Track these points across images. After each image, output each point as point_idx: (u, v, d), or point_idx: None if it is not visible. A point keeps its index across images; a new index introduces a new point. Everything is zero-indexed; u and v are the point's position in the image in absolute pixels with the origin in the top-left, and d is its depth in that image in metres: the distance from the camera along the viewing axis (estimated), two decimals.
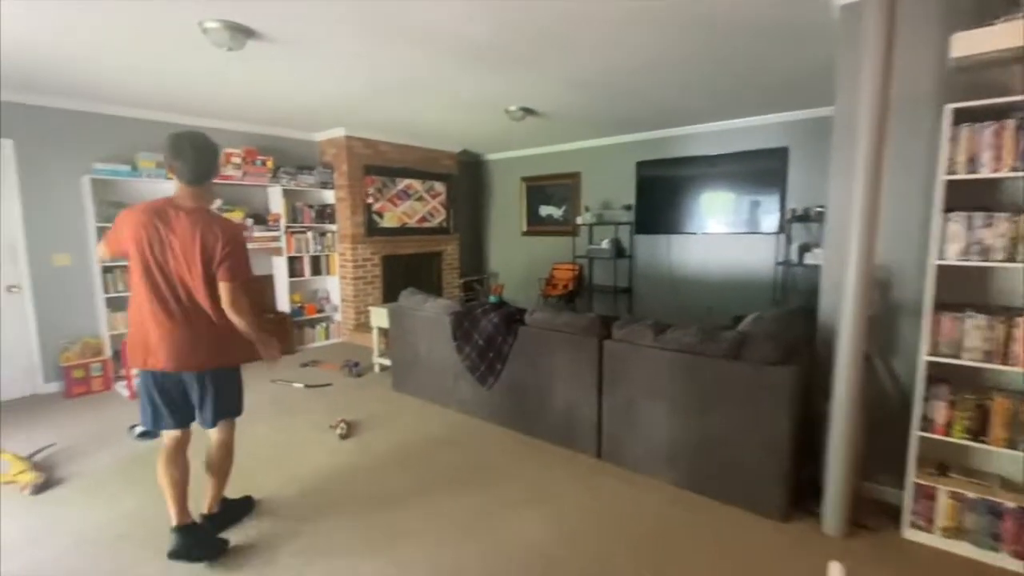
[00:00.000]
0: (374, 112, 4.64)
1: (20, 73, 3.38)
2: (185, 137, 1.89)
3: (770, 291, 5.07)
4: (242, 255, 1.95)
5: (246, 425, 3.38)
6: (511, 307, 3.41)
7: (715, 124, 5.24)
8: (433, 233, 6.42)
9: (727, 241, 5.38)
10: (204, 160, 1.91)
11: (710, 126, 5.28)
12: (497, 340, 3.22)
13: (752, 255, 5.23)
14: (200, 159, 1.89)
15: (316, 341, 5.55)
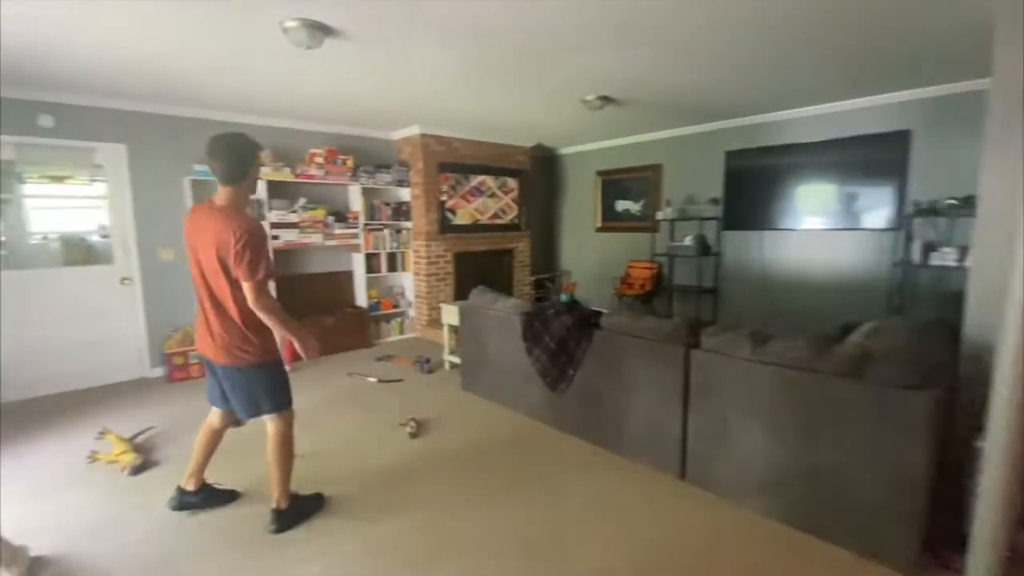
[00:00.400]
0: (449, 108, 4.60)
1: (132, 83, 3.68)
2: (221, 139, 1.97)
3: (882, 296, 4.44)
4: (257, 253, 1.90)
5: (320, 417, 3.49)
6: (585, 309, 3.21)
7: (818, 107, 4.66)
8: (505, 230, 6.32)
9: (830, 238, 4.79)
10: (236, 161, 1.95)
11: (811, 110, 4.72)
12: (570, 344, 3.03)
13: (860, 254, 4.61)
14: (232, 160, 1.94)
15: (391, 336, 5.66)
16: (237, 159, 1.95)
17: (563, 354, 3.07)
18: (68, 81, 3.57)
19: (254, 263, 1.89)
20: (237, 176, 1.97)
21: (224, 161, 1.94)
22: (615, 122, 5.31)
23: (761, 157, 5.14)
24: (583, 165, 6.98)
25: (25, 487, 2.60)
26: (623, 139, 6.36)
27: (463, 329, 3.95)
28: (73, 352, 4.09)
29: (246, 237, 1.88)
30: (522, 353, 3.33)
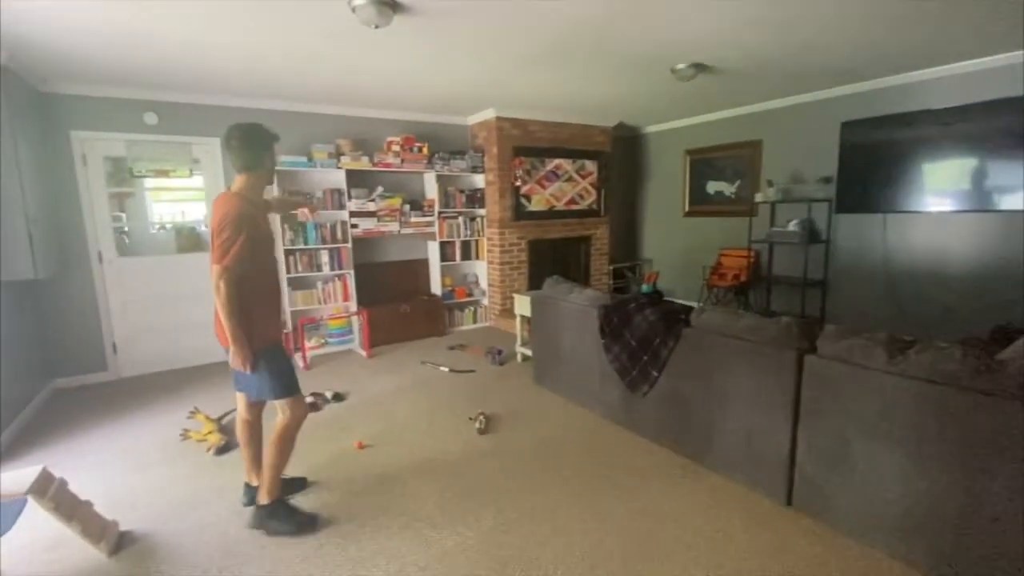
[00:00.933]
0: (524, 88, 4.36)
1: (221, 79, 3.84)
2: (235, 129, 1.99)
3: None
4: (231, 238, 1.85)
5: (390, 405, 3.46)
6: (672, 303, 2.85)
7: (952, 66, 3.86)
8: (582, 216, 6.00)
9: (968, 222, 3.98)
10: (246, 151, 1.96)
11: (945, 69, 3.91)
12: (653, 342, 2.71)
13: (1005, 241, 3.78)
14: (243, 150, 1.96)
15: (464, 324, 5.60)
16: (250, 148, 1.97)
17: (645, 353, 2.76)
18: (167, 80, 3.80)
19: (224, 246, 1.86)
20: (251, 164, 1.99)
21: (238, 150, 1.97)
22: (708, 94, 4.78)
23: (884, 128, 4.37)
24: (670, 144, 6.44)
25: (128, 460, 2.79)
26: (717, 113, 5.76)
27: (535, 320, 3.74)
28: (181, 333, 4.41)
29: (227, 220, 1.87)
30: (599, 349, 3.06)
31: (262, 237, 2.02)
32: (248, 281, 1.94)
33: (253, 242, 1.92)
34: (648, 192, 6.90)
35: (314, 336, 4.76)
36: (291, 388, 2.11)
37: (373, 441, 2.93)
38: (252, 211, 1.96)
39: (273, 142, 2.08)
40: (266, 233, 2.07)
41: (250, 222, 1.91)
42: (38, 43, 3.00)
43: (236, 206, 1.90)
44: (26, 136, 3.35)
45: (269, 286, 2.11)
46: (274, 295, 2.16)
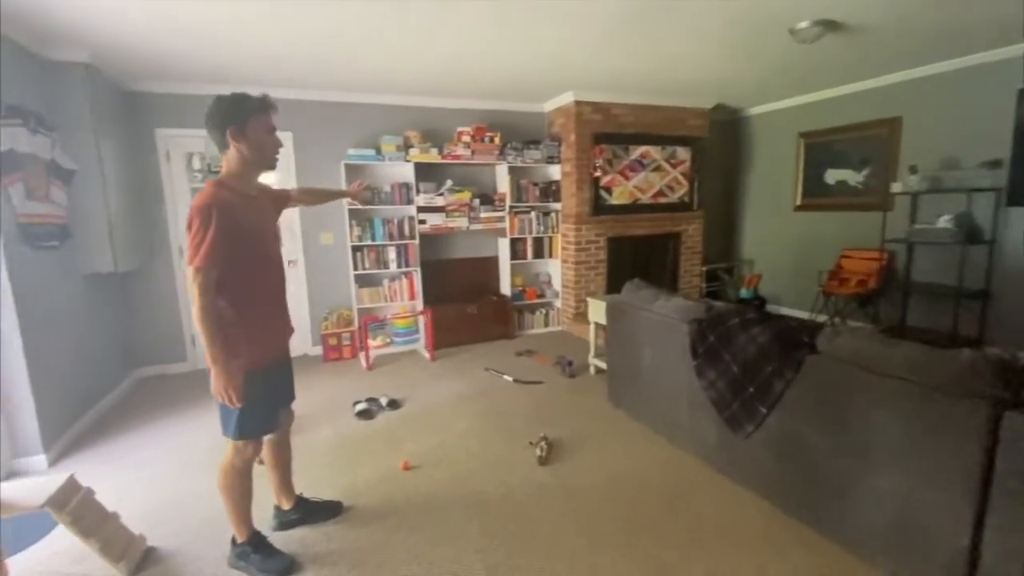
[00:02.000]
0: (609, 65, 3.84)
1: (295, 72, 3.77)
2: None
3: None
4: (197, 233, 1.54)
5: (445, 419, 3.13)
6: (789, 321, 2.22)
7: None
8: (671, 210, 5.33)
9: None
10: (211, 129, 1.65)
11: None
12: (763, 370, 2.12)
13: None
14: (209, 128, 1.66)
15: (534, 327, 5.20)
16: (213, 125, 1.64)
17: (751, 383, 2.17)
18: (244, 75, 3.78)
19: (194, 243, 1.55)
20: (220, 144, 1.67)
21: (207, 129, 1.67)
22: (833, 62, 3.94)
23: None
24: (780, 126, 5.55)
25: (177, 462, 2.72)
26: (841, 88, 4.82)
27: (611, 330, 3.24)
28: None
29: (192, 212, 1.56)
30: (689, 371, 2.50)
31: (249, 232, 1.68)
32: (232, 287, 1.63)
33: (231, 237, 1.58)
34: (751, 183, 6.03)
35: (380, 335, 4.61)
36: (243, 429, 1.73)
37: (421, 461, 2.63)
38: (230, 199, 1.62)
39: (245, 114, 1.63)
40: (256, 228, 1.72)
41: (224, 212, 1.57)
42: (121, 42, 3.05)
43: (205, 195, 1.58)
44: (111, 133, 3.45)
45: (261, 294, 1.75)
46: (269, 306, 1.80)
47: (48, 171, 2.97)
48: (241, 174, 1.70)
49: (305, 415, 3.27)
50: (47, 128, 2.97)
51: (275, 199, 1.97)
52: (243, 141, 1.64)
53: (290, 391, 2.02)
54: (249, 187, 1.74)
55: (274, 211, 1.92)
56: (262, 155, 1.70)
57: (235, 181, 1.69)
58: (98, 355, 3.43)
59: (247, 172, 1.71)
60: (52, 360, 2.84)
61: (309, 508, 2.17)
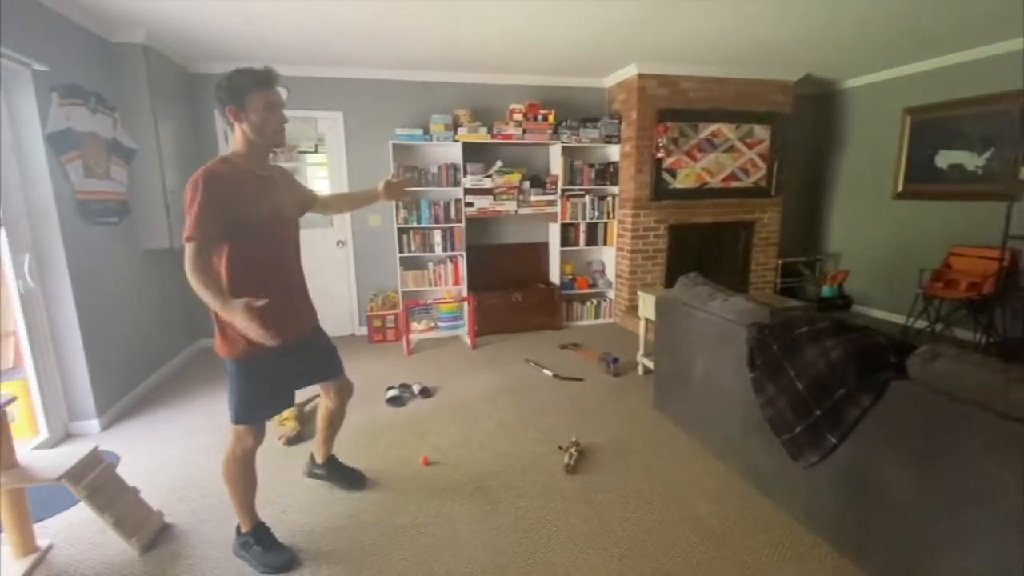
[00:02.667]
0: (676, 31, 3.43)
1: (345, 50, 3.71)
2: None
3: None
4: (189, 204, 1.50)
5: (475, 413, 2.98)
6: (872, 335, 1.81)
7: None
8: (744, 196, 4.80)
9: None
10: (218, 107, 1.60)
11: None
12: (834, 392, 1.75)
13: None
14: (217, 107, 1.62)
15: (584, 319, 4.92)
16: (218, 104, 1.60)
17: (818, 405, 1.81)
18: (300, 53, 3.77)
19: (187, 216, 1.51)
20: (226, 123, 1.64)
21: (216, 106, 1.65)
22: (955, 18, 3.27)
23: None
24: (880, 101, 4.81)
25: (213, 435, 2.77)
26: (961, 54, 4.05)
27: (660, 329, 2.92)
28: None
29: (189, 185, 1.52)
30: (745, 384, 2.17)
31: (253, 210, 1.61)
32: (233, 264, 1.59)
33: (225, 211, 1.52)
34: (841, 166, 5.31)
35: (424, 319, 4.55)
36: (244, 414, 1.69)
37: (442, 457, 2.50)
38: (229, 175, 1.57)
39: (242, 92, 1.55)
40: (263, 207, 1.65)
41: (218, 186, 1.52)
42: (180, 23, 3.12)
43: (205, 168, 1.55)
44: (170, 113, 3.56)
45: (267, 274, 1.67)
46: (276, 287, 1.67)
47: (109, 149, 3.10)
48: (246, 152, 1.65)
49: None
50: (108, 108, 3.10)
51: (298, 192, 1.94)
52: (243, 120, 1.59)
53: (326, 367, 2.01)
54: (257, 165, 1.68)
55: (293, 199, 1.87)
56: (262, 133, 1.62)
57: (240, 158, 1.65)
58: (157, 325, 3.61)
59: (253, 150, 1.65)
60: (108, 330, 2.99)
61: (336, 469, 2.26)
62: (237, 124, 1.60)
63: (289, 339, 1.70)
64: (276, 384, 1.77)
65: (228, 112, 1.58)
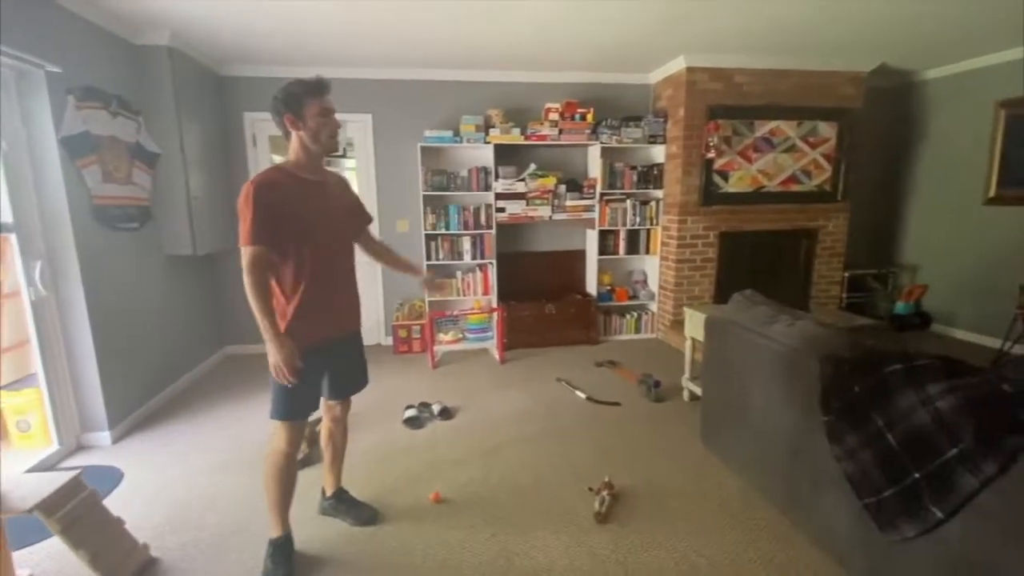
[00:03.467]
0: (729, 16, 3.06)
1: (373, 51, 3.59)
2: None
3: None
4: (242, 212, 1.56)
5: (502, 437, 2.71)
6: (996, 380, 1.41)
7: None
8: (806, 200, 4.31)
9: None
10: (273, 116, 1.67)
11: None
12: (942, 453, 1.37)
13: None
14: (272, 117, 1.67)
15: (623, 333, 4.56)
16: (274, 116, 1.66)
17: (917, 465, 1.43)
18: (329, 55, 3.66)
19: (241, 225, 1.57)
20: (284, 133, 1.68)
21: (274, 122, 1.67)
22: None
23: None
24: (967, 93, 4.22)
25: (219, 454, 2.62)
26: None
27: (709, 352, 2.56)
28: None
29: (240, 195, 1.57)
30: (816, 427, 1.79)
31: (306, 214, 1.65)
32: (285, 264, 1.64)
33: (279, 218, 1.58)
34: (919, 167, 4.71)
35: (452, 330, 4.32)
36: (286, 411, 1.71)
37: (456, 494, 2.23)
38: (282, 182, 1.62)
39: (298, 100, 1.61)
40: (316, 210, 1.68)
41: (271, 194, 1.57)
42: (205, 25, 3.06)
43: (253, 179, 1.59)
44: (196, 117, 3.49)
45: (318, 274, 1.69)
46: (326, 286, 1.73)
47: (132, 154, 3.03)
48: (302, 159, 1.68)
49: (354, 412, 3.05)
50: (131, 111, 3.03)
51: (354, 201, 1.94)
52: (300, 127, 1.63)
53: (355, 377, 1.98)
54: (311, 171, 1.70)
55: (347, 204, 1.88)
56: (317, 138, 1.66)
57: (293, 166, 1.68)
58: (180, 333, 3.54)
59: (308, 156, 1.69)
60: (124, 338, 2.91)
61: (344, 502, 2.09)
62: (294, 131, 1.64)
63: (335, 336, 1.80)
64: (315, 380, 1.79)
65: (286, 120, 1.62)
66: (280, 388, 1.66)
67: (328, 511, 2.10)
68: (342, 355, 1.86)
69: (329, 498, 2.10)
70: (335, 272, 1.77)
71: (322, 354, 1.74)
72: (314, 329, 1.70)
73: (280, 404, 1.69)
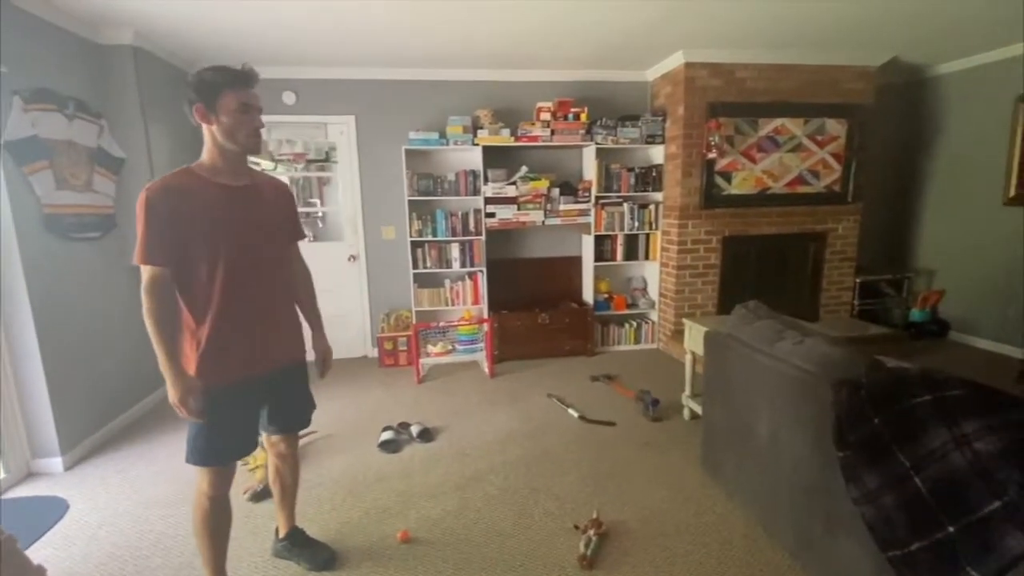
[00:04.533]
0: (730, 7, 2.85)
1: (350, 49, 3.40)
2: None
3: None
4: (139, 225, 1.33)
5: (485, 463, 2.49)
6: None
7: None
8: (814, 202, 4.07)
9: None
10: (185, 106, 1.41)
11: None
12: (980, 503, 1.14)
13: None
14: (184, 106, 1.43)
15: (622, 343, 4.33)
16: (185, 102, 1.40)
17: (951, 518, 1.20)
18: (300, 55, 3.49)
19: (138, 237, 1.34)
20: (195, 122, 1.43)
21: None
22: None
23: None
24: (984, 89, 3.97)
25: (168, 484, 2.42)
26: None
27: (710, 370, 2.33)
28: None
29: (138, 202, 1.34)
30: (831, 462, 1.56)
31: (220, 226, 1.41)
32: (194, 287, 1.41)
33: (184, 231, 1.35)
34: (934, 167, 4.45)
35: (441, 341, 4.11)
36: (205, 454, 1.46)
37: (427, 533, 2.01)
38: (190, 188, 1.39)
39: (214, 90, 1.38)
40: (233, 221, 1.44)
41: (174, 202, 1.34)
42: (171, 23, 2.91)
43: (153, 183, 1.36)
44: (164, 119, 3.31)
45: (236, 299, 1.44)
46: (247, 313, 1.48)
47: (93, 159, 2.86)
48: (216, 159, 1.44)
49: (328, 434, 2.85)
50: (92, 114, 2.86)
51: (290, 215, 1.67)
52: (212, 121, 1.40)
53: (296, 411, 1.72)
54: (230, 175, 1.46)
55: (280, 216, 1.61)
56: (233, 137, 1.42)
57: (208, 168, 1.44)
58: (145, 351, 3.29)
59: (224, 156, 1.45)
60: (81, 356, 2.72)
61: (298, 544, 1.86)
62: (205, 125, 1.41)
63: (260, 373, 1.53)
64: (242, 419, 1.53)
65: (195, 111, 1.39)
66: (197, 427, 1.43)
67: (281, 553, 1.87)
68: (278, 389, 1.61)
69: (282, 540, 1.87)
70: (258, 295, 1.50)
71: (251, 389, 1.51)
72: (229, 365, 1.44)
73: (197, 445, 1.45)
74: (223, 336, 1.42)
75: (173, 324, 1.39)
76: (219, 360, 1.43)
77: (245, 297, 1.46)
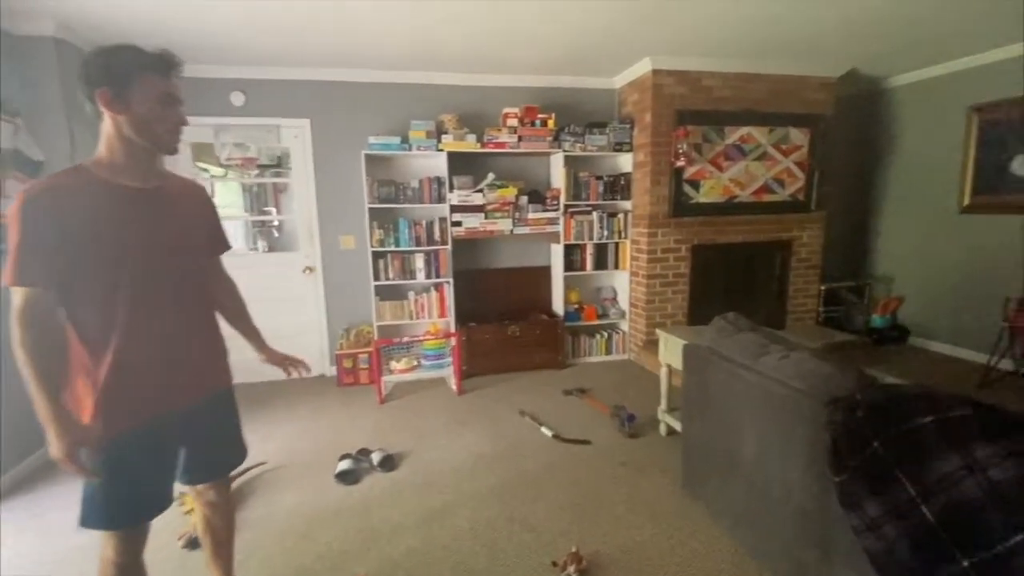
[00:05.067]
0: (696, 15, 2.81)
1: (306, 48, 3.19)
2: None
3: None
4: (10, 235, 1.06)
5: (452, 494, 2.29)
6: None
7: None
8: (780, 210, 4.09)
9: None
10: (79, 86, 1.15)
11: None
12: (998, 535, 1.04)
13: None
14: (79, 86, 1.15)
15: (593, 355, 4.21)
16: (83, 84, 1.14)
17: (964, 551, 1.09)
18: (256, 54, 3.25)
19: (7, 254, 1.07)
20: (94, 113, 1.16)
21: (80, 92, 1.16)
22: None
23: None
24: (941, 99, 4.09)
25: None
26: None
27: (689, 387, 2.22)
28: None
29: (9, 209, 1.08)
30: (825, 485, 1.46)
31: (119, 237, 1.15)
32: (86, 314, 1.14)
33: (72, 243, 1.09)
34: (892, 175, 4.57)
35: (405, 357, 3.88)
36: (106, 516, 1.20)
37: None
38: (83, 190, 1.12)
39: (126, 73, 1.13)
40: (136, 231, 1.17)
41: (61, 205, 1.08)
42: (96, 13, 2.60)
43: (32, 184, 1.11)
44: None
45: (139, 326, 1.18)
46: (153, 342, 1.21)
47: (6, 162, 2.53)
48: (116, 155, 1.18)
49: (280, 464, 2.59)
50: (7, 112, 2.54)
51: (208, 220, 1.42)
52: (121, 110, 1.14)
53: (223, 452, 1.46)
54: (133, 175, 1.20)
55: (193, 222, 1.35)
56: (149, 132, 1.17)
57: (105, 166, 1.18)
58: None
59: (129, 152, 1.18)
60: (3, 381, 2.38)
61: None
62: (109, 114, 1.14)
63: (175, 409, 1.27)
64: (148, 468, 1.25)
65: (99, 96, 1.12)
66: (92, 485, 1.17)
67: None
68: (199, 426, 1.35)
69: None
70: (170, 320, 1.25)
71: (163, 430, 1.25)
72: (136, 404, 1.19)
73: (96, 505, 1.18)
74: (126, 372, 1.16)
75: (55, 360, 1.13)
76: (122, 401, 1.17)
77: (150, 324, 1.21)
